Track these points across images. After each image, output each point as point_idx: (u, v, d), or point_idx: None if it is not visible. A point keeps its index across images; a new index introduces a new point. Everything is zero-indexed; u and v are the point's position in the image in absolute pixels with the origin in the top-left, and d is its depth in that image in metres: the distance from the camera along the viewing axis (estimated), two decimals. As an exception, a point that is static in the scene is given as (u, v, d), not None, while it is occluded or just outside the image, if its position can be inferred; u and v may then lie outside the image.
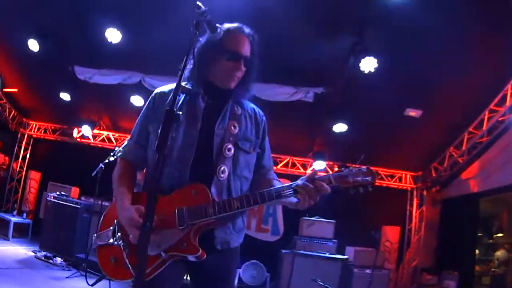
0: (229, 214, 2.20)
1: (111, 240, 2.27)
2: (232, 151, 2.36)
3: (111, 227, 2.31)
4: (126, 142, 2.66)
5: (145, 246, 1.76)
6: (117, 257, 2.21)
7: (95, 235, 2.43)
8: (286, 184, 2.25)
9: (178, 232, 2.17)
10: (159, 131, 1.86)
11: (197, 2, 2.01)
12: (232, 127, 2.40)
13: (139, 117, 2.58)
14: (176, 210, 2.19)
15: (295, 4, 6.83)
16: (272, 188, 2.26)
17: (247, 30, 2.49)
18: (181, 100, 2.08)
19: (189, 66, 2.35)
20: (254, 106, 2.66)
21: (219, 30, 2.19)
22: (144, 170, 2.60)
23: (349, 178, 2.31)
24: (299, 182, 2.22)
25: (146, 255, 1.77)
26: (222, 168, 2.31)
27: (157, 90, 2.55)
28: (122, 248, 2.17)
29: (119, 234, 2.25)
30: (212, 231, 2.31)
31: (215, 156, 2.33)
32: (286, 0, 6.77)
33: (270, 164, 2.68)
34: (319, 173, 2.30)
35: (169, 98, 2.23)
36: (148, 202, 1.82)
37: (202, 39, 2.39)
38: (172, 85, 2.25)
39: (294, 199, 2.25)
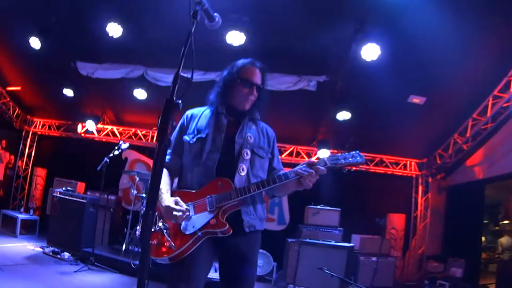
0: (249, 196, 2.81)
1: (152, 229, 2.71)
2: (250, 155, 2.97)
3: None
4: (168, 151, 3.09)
5: (149, 227, 2.00)
6: (158, 239, 2.73)
7: (138, 227, 3.12)
8: (291, 170, 2.82)
9: (209, 214, 2.75)
10: (159, 119, 2.04)
11: None
12: (249, 138, 3.02)
13: (174, 132, 3.12)
14: (206, 198, 2.78)
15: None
16: (281, 174, 2.87)
17: (258, 63, 3.11)
18: (208, 117, 3.04)
19: (213, 92, 3.13)
20: (265, 124, 3.27)
21: (216, 19, 2.42)
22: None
23: (340, 160, 2.86)
24: (301, 166, 2.81)
25: (150, 234, 2.11)
26: (242, 167, 2.90)
27: (188, 112, 3.17)
28: (164, 231, 2.70)
29: (160, 222, 2.76)
30: (240, 216, 2.86)
31: (236, 157, 2.93)
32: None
33: (280, 166, 3.24)
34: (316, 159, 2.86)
35: (198, 113, 3.12)
36: (151, 190, 2.01)
37: (224, 73, 3.11)
38: (201, 108, 3.15)
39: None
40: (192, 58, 2.15)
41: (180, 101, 2.07)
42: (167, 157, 3.04)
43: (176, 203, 2.67)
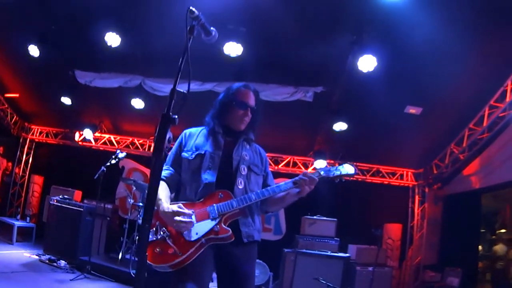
0: (248, 205, 2.93)
1: (154, 238, 2.83)
2: (246, 171, 3.11)
3: (153, 229, 2.88)
4: (164, 169, 3.16)
5: (146, 239, 2.12)
6: (162, 247, 2.77)
7: (136, 236, 3.03)
8: (289, 180, 3.01)
9: (211, 222, 2.83)
10: (156, 134, 2.09)
11: (191, 8, 2.26)
12: (245, 156, 3.17)
13: (172, 149, 3.23)
14: (208, 207, 2.87)
15: (294, 4, 6.85)
16: (280, 183, 3.04)
17: (252, 87, 3.28)
18: (206, 136, 3.17)
19: (210, 113, 3.24)
20: (258, 146, 3.42)
21: (213, 33, 2.47)
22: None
23: (332, 171, 3.09)
24: (296, 178, 2.97)
25: (146, 246, 2.22)
26: (239, 181, 3.04)
27: (186, 131, 3.29)
28: (167, 239, 2.77)
29: (163, 230, 2.83)
30: (238, 226, 2.94)
31: (234, 172, 3.06)
32: (285, 0, 6.79)
33: (273, 183, 3.31)
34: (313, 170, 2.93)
35: (195, 132, 3.25)
36: (147, 203, 2.04)
37: (220, 96, 3.26)
38: (198, 128, 3.27)
39: (295, 190, 3.00)
40: (188, 72, 2.17)
41: (176, 116, 2.09)
42: (166, 171, 3.14)
43: (179, 210, 2.75)
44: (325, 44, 7.18)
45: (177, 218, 2.70)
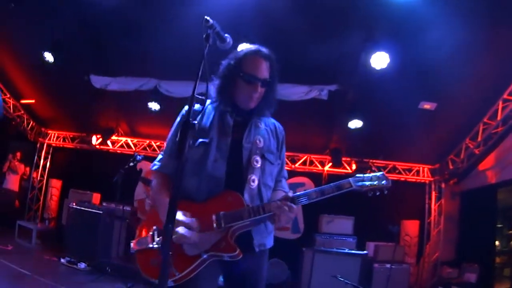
0: (261, 217, 2.45)
1: (150, 245, 2.48)
2: (260, 162, 2.62)
3: (150, 233, 2.53)
4: (160, 157, 2.82)
5: (169, 245, 1.92)
6: (158, 260, 2.30)
7: (132, 242, 2.63)
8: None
9: (216, 234, 2.41)
10: (177, 139, 2.08)
11: (206, 17, 2.25)
12: (258, 141, 2.66)
13: (170, 132, 2.81)
14: (214, 215, 2.42)
15: (306, 3, 6.89)
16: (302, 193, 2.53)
17: (264, 52, 2.69)
18: (212, 116, 2.67)
19: (214, 86, 2.69)
20: (275, 121, 2.93)
21: (228, 40, 2.38)
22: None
23: (366, 183, 2.58)
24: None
25: (169, 253, 1.92)
26: (252, 178, 2.57)
27: (186, 107, 2.62)
28: None
29: (159, 238, 2.47)
30: (251, 235, 2.57)
31: (245, 167, 2.59)
32: None
33: (284, 174, 2.97)
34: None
35: (199, 108, 2.64)
36: (170, 206, 1.96)
37: (224, 63, 2.71)
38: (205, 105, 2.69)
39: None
40: (206, 78, 2.22)
41: (196, 122, 2.11)
42: (159, 163, 2.76)
43: (184, 220, 2.38)
44: (338, 42, 7.20)
45: (179, 229, 2.32)
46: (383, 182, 2.60)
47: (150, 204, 8.90)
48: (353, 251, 8.05)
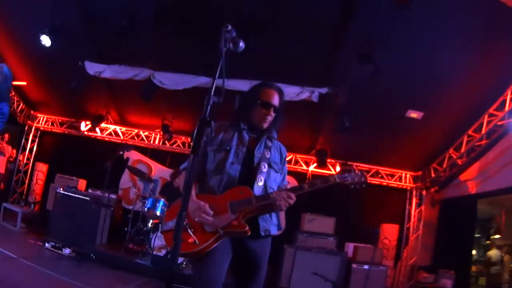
0: (266, 204, 3.03)
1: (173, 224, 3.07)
2: (267, 168, 3.25)
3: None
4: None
5: (181, 227, 2.37)
6: (183, 236, 2.82)
7: (160, 224, 3.25)
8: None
9: (231, 217, 3.00)
10: (194, 135, 2.42)
11: (226, 24, 2.61)
12: (266, 153, 3.30)
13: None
14: (229, 202, 3.03)
15: (303, 8, 7.02)
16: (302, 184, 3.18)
17: (276, 86, 3.36)
18: (236, 137, 3.28)
19: (236, 110, 3.41)
20: (280, 143, 3.53)
21: (240, 44, 2.77)
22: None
23: (348, 178, 3.26)
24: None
25: (181, 234, 2.39)
26: (260, 178, 3.18)
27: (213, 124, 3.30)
28: (188, 228, 2.97)
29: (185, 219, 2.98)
30: (257, 221, 3.14)
31: (255, 168, 3.21)
32: (295, 2, 6.95)
33: (285, 183, 3.55)
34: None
35: (221, 127, 3.34)
36: (184, 194, 2.39)
37: (245, 95, 3.43)
38: (224, 123, 3.37)
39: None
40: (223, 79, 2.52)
41: (212, 121, 2.43)
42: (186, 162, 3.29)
43: (206, 207, 2.96)
44: (331, 47, 7.35)
45: (201, 213, 2.93)
46: (362, 178, 3.29)
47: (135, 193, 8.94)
48: (333, 250, 8.23)
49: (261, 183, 3.17)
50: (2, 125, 4.57)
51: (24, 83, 10.89)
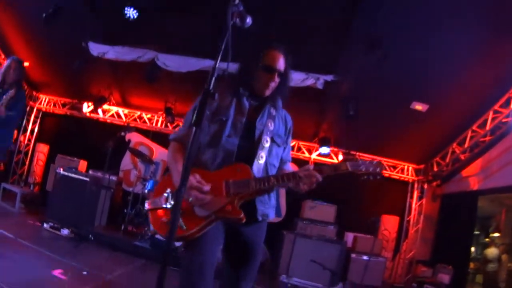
0: (266, 188, 2.71)
1: (164, 205, 2.76)
2: (269, 143, 2.90)
3: (164, 194, 2.79)
4: (180, 129, 3.07)
5: (180, 204, 2.15)
6: (168, 218, 2.70)
7: (146, 201, 3.02)
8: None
9: (225, 199, 2.65)
10: (196, 106, 2.22)
11: None
12: (269, 124, 2.95)
13: (192, 107, 2.95)
14: (224, 182, 2.69)
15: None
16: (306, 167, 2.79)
17: (282, 47, 2.96)
18: (234, 104, 2.90)
19: (236, 73, 3.00)
20: (285, 111, 3.20)
21: (247, 20, 2.54)
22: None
23: (362, 167, 2.83)
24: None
25: (179, 214, 2.20)
26: (261, 154, 2.84)
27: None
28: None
29: (173, 200, 2.73)
30: (254, 204, 2.82)
31: (256, 143, 2.86)
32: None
33: (288, 157, 3.25)
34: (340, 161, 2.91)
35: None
36: (184, 170, 2.17)
37: (247, 57, 3.01)
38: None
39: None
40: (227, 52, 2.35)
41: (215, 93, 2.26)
42: (177, 132, 3.02)
43: (198, 184, 2.61)
44: (339, 35, 7.29)
45: (194, 192, 2.58)
46: (378, 169, 2.86)
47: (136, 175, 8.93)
48: (333, 239, 8.22)
49: (262, 161, 2.83)
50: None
51: (27, 63, 10.82)
